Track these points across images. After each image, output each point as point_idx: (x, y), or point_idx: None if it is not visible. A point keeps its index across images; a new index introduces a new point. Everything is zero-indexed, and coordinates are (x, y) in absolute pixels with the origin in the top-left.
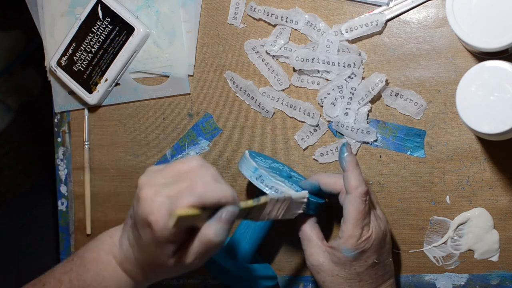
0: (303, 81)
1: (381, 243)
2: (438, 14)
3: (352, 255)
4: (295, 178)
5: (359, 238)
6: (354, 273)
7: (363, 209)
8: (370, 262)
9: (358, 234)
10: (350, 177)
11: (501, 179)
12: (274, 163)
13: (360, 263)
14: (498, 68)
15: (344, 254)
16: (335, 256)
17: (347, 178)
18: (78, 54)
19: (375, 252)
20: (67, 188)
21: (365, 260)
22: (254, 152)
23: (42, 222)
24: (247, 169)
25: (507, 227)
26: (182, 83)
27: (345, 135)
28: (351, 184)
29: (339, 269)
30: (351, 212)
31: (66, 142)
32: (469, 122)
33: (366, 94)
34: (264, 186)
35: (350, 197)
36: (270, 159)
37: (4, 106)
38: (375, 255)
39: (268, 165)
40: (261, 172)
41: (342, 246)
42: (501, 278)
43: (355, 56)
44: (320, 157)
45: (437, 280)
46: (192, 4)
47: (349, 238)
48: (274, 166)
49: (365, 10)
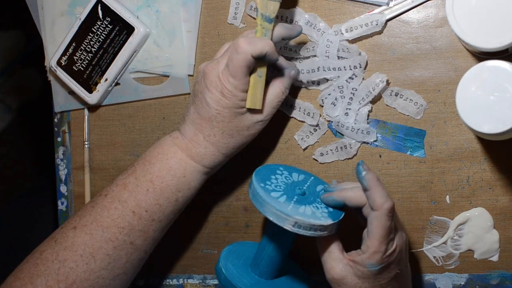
0: (302, 81)
1: (403, 254)
2: (438, 14)
3: (377, 269)
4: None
5: (384, 253)
6: (378, 285)
7: (389, 225)
8: (393, 274)
9: (384, 250)
10: (374, 195)
11: (501, 179)
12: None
13: (384, 276)
14: (498, 68)
15: (368, 269)
16: (358, 270)
17: (371, 197)
18: (78, 54)
19: (398, 263)
20: (67, 188)
21: (389, 272)
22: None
23: (42, 222)
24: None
25: (507, 227)
26: (182, 83)
27: (345, 135)
28: (376, 202)
29: (362, 281)
30: (377, 229)
31: (66, 142)
32: (469, 122)
33: (367, 94)
34: (303, 231)
35: (376, 214)
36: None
37: (4, 106)
38: (398, 266)
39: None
40: (296, 219)
41: (366, 262)
42: (501, 278)
43: (359, 58)
44: (320, 157)
45: (437, 280)
46: (192, 4)
47: (375, 254)
48: (289, 182)
49: (365, 10)
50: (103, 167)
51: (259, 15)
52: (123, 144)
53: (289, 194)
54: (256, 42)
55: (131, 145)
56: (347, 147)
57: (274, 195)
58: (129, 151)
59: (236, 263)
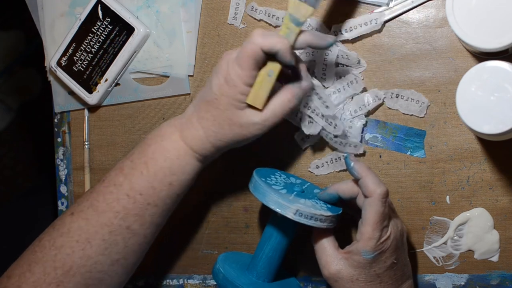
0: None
1: (399, 243)
2: (438, 14)
3: (372, 256)
4: (304, 187)
5: (378, 239)
6: (374, 275)
7: (383, 211)
8: (389, 263)
9: (378, 236)
10: (366, 182)
11: (501, 179)
12: (282, 177)
13: (379, 265)
14: (498, 68)
15: (363, 256)
16: (353, 260)
17: (363, 185)
18: (78, 54)
19: (393, 252)
20: (67, 188)
21: (385, 261)
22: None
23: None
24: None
25: (507, 227)
26: (182, 83)
27: (332, 145)
28: (369, 188)
29: (358, 273)
30: (371, 215)
31: (66, 142)
32: (469, 122)
33: (360, 107)
34: (305, 219)
35: (370, 200)
36: (276, 172)
37: (4, 106)
38: (394, 255)
39: (283, 184)
40: (297, 205)
41: (361, 249)
42: (501, 278)
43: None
44: (315, 170)
45: (437, 280)
46: (192, 4)
47: (369, 240)
48: (287, 182)
49: (365, 10)
50: (103, 168)
51: (288, 15)
52: (123, 144)
53: (289, 189)
54: (270, 37)
55: (131, 145)
56: (341, 159)
57: (275, 188)
58: (129, 151)
59: (233, 267)
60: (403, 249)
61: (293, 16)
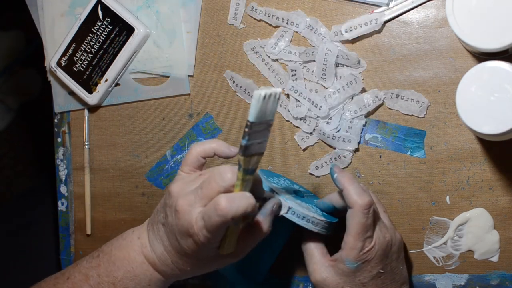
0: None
1: (386, 253)
2: (438, 14)
3: (355, 266)
4: (306, 194)
5: (360, 250)
6: (359, 283)
7: (365, 222)
8: (375, 273)
9: (360, 247)
10: (347, 193)
11: (501, 179)
12: (286, 181)
13: (364, 274)
14: (498, 68)
15: (346, 265)
16: (338, 268)
17: (346, 195)
18: (78, 54)
19: (379, 262)
20: (67, 189)
21: (370, 270)
22: (263, 172)
23: (42, 222)
24: None
25: (507, 227)
26: (182, 83)
27: (326, 143)
28: (350, 200)
29: (343, 281)
30: (353, 226)
31: (66, 142)
32: (469, 122)
33: (360, 108)
34: (296, 218)
35: (352, 211)
36: (276, 176)
37: (4, 106)
38: (379, 265)
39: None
40: (291, 204)
41: (344, 258)
42: (501, 279)
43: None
44: (315, 171)
45: (437, 280)
46: (192, 4)
47: (351, 250)
48: (287, 186)
49: (365, 10)
50: (103, 168)
51: (242, 171)
52: (123, 144)
53: (288, 191)
54: (237, 204)
55: (131, 145)
56: (340, 157)
57: (274, 186)
58: (129, 151)
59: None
60: (391, 259)
61: (247, 169)
